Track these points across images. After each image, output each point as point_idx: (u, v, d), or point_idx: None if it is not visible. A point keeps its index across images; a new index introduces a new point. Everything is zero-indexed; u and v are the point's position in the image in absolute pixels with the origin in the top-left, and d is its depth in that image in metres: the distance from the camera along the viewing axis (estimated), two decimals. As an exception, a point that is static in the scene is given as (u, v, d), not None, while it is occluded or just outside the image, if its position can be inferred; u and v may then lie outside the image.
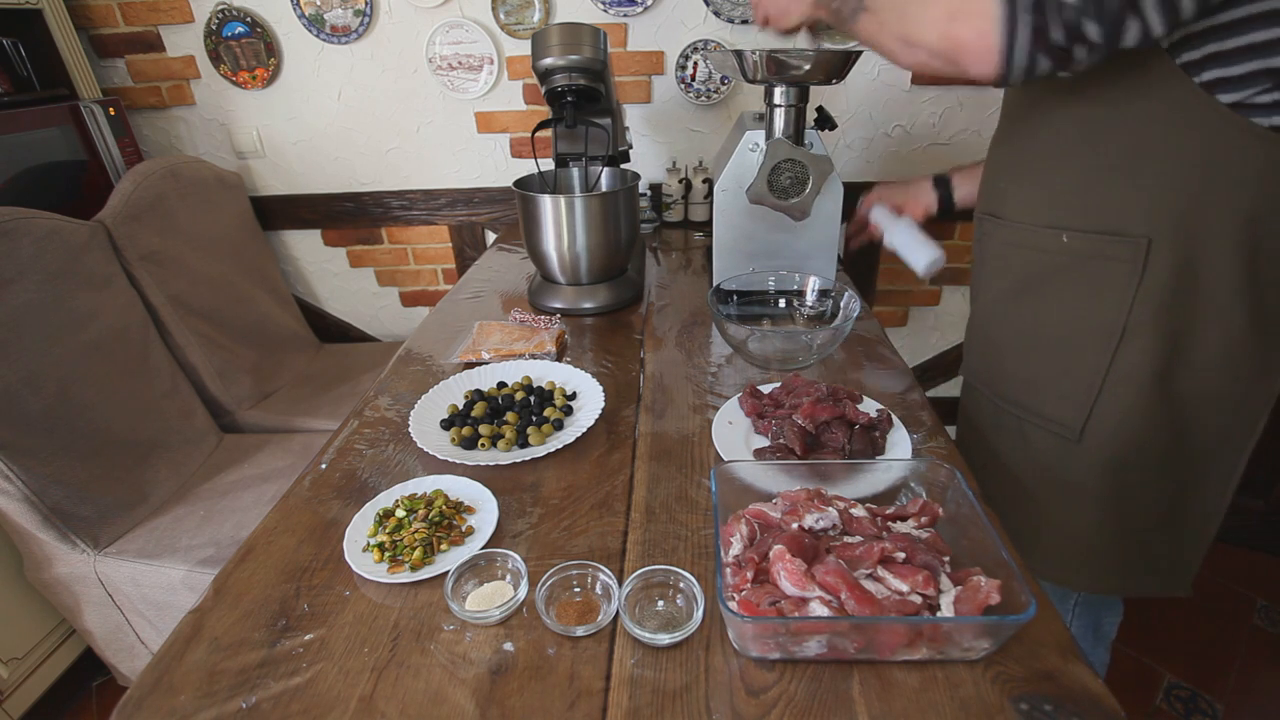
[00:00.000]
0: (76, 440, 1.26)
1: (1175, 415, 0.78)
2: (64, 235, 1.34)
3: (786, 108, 1.03)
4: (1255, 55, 0.59)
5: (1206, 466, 0.82)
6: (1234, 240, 0.68)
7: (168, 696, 0.56)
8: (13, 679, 1.38)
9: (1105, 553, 0.88)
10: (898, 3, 0.68)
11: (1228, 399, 0.77)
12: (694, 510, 0.74)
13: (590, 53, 1.18)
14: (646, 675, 0.56)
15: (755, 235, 1.18)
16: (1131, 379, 0.77)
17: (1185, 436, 0.79)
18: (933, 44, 0.66)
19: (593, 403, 0.92)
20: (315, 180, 1.97)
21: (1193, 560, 0.88)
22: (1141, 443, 0.80)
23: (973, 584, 0.56)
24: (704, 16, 1.70)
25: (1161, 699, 1.47)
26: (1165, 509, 0.84)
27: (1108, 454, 0.82)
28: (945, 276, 2.01)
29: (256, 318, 1.83)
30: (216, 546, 1.27)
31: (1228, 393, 0.77)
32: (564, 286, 1.27)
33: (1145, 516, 0.85)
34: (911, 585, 0.57)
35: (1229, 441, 0.80)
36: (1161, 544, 0.86)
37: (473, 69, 1.78)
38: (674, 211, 1.81)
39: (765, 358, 1.02)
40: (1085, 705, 0.52)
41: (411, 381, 1.04)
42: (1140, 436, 0.80)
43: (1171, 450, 0.80)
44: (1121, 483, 0.83)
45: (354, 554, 0.68)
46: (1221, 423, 0.79)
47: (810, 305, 1.14)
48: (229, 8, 1.73)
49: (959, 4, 0.63)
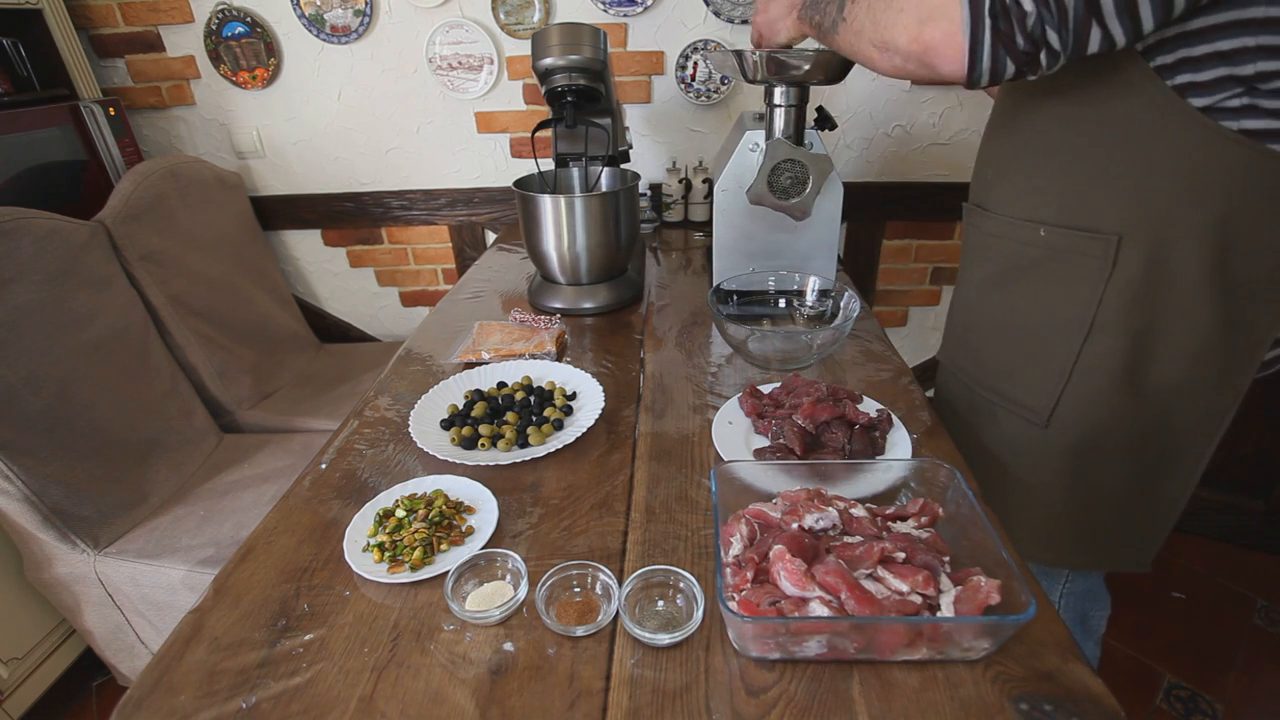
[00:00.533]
0: (76, 440, 1.26)
1: (1142, 407, 0.80)
2: (64, 235, 1.34)
3: (786, 108, 1.03)
4: (1222, 63, 0.61)
5: (1172, 457, 0.84)
6: (1204, 240, 0.70)
7: (168, 696, 0.56)
8: (13, 679, 1.38)
9: (1068, 529, 0.90)
10: (873, 11, 0.71)
11: (1195, 395, 0.79)
12: (694, 510, 0.74)
13: (590, 53, 1.19)
14: (646, 675, 0.56)
15: (755, 235, 1.18)
16: (1098, 371, 0.79)
17: (1152, 428, 0.81)
18: (904, 47, 0.68)
19: (593, 403, 0.92)
20: (315, 180, 1.97)
21: (1154, 540, 0.90)
22: (1106, 431, 0.82)
23: (973, 584, 0.56)
24: (704, 16, 1.70)
25: (1161, 699, 1.47)
26: (1130, 494, 0.86)
27: (1073, 440, 0.84)
28: (945, 276, 2.01)
29: (256, 318, 1.83)
30: (216, 546, 1.27)
31: (1195, 389, 0.78)
32: (564, 286, 1.27)
33: (1109, 499, 0.87)
34: (911, 585, 0.57)
35: (1196, 435, 0.82)
36: (1124, 525, 0.89)
37: (473, 69, 1.78)
38: (674, 211, 1.81)
39: (765, 358, 1.02)
40: (1085, 705, 0.52)
41: (411, 381, 1.04)
42: (1105, 425, 0.82)
43: (1136, 440, 0.82)
44: (1086, 467, 0.85)
45: (354, 554, 0.68)
46: (1189, 416, 0.80)
47: (810, 305, 1.14)
48: (229, 8, 1.74)
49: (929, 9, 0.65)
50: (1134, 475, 0.85)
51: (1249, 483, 1.78)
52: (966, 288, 0.97)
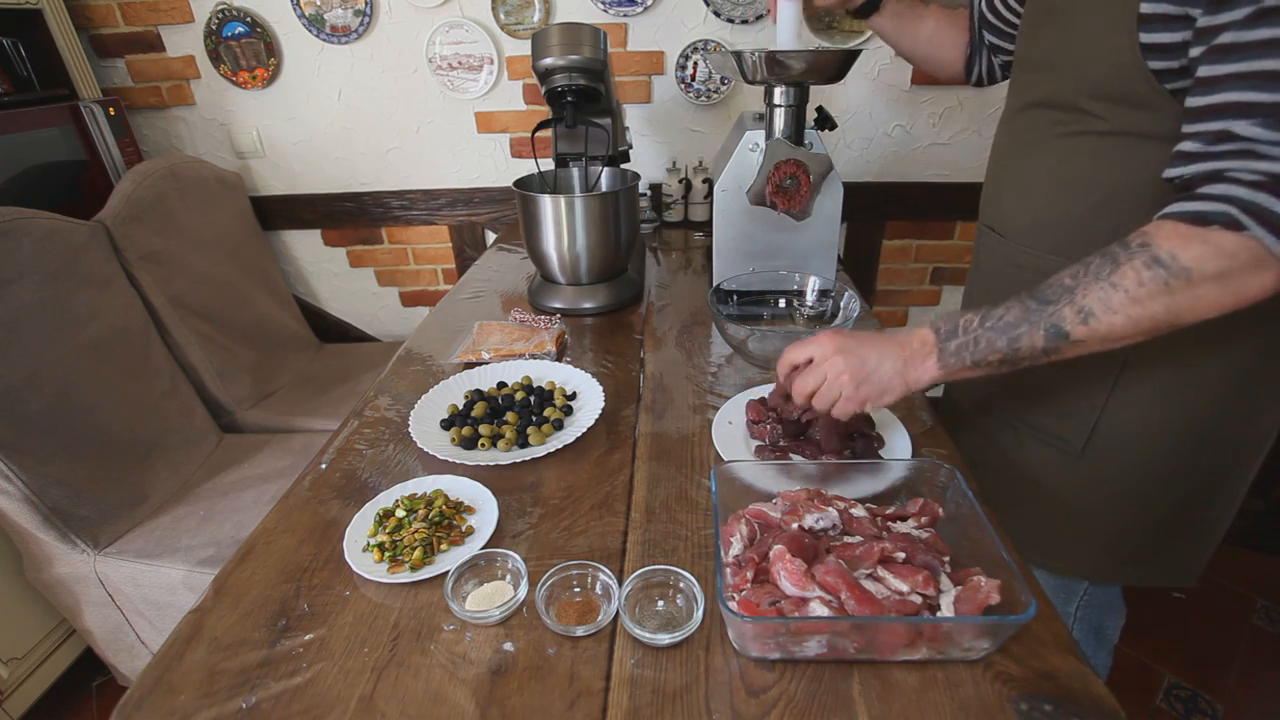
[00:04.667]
0: (76, 440, 1.26)
1: (1183, 436, 0.78)
2: (64, 235, 1.34)
3: (786, 108, 1.03)
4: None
5: (1217, 480, 0.81)
6: None
7: (168, 696, 0.56)
8: (13, 679, 1.38)
9: (1109, 546, 0.88)
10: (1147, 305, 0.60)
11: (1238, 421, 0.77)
12: (694, 510, 0.74)
13: (590, 53, 1.18)
14: (646, 675, 0.56)
15: (755, 235, 1.18)
16: (1135, 404, 0.77)
17: (1193, 455, 0.79)
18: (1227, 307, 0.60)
19: (593, 403, 0.92)
20: (315, 180, 1.97)
21: (1201, 554, 0.87)
22: (1145, 460, 0.80)
23: (973, 584, 0.57)
24: (704, 16, 1.70)
25: (1161, 699, 1.47)
26: (1171, 516, 0.84)
27: (1110, 469, 0.82)
28: (945, 276, 2.01)
29: (256, 318, 1.83)
30: (216, 546, 1.27)
31: (1237, 415, 0.76)
32: (564, 286, 1.27)
33: (1149, 522, 0.84)
34: (911, 585, 0.57)
35: (1240, 457, 0.80)
36: (1166, 543, 0.86)
37: (473, 69, 1.78)
38: (674, 211, 1.81)
39: (765, 358, 1.02)
40: (1085, 705, 0.52)
41: (411, 381, 1.04)
42: (1144, 455, 0.79)
43: (1178, 467, 0.80)
44: (1124, 494, 0.83)
45: (354, 554, 0.68)
46: (1232, 441, 0.78)
47: (810, 305, 1.14)
48: (229, 8, 1.73)
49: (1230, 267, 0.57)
50: (1176, 499, 0.82)
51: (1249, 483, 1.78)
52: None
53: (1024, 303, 0.65)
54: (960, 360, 0.68)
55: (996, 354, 0.66)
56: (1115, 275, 0.60)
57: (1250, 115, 0.54)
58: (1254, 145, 0.54)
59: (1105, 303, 0.60)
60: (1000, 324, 0.66)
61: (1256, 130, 0.54)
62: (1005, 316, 0.66)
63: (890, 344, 0.71)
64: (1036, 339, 0.64)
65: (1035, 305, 0.64)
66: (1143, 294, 0.59)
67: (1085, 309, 0.61)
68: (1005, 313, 0.66)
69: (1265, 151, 0.54)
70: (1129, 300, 0.60)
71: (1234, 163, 0.55)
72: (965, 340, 0.68)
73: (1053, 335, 0.63)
